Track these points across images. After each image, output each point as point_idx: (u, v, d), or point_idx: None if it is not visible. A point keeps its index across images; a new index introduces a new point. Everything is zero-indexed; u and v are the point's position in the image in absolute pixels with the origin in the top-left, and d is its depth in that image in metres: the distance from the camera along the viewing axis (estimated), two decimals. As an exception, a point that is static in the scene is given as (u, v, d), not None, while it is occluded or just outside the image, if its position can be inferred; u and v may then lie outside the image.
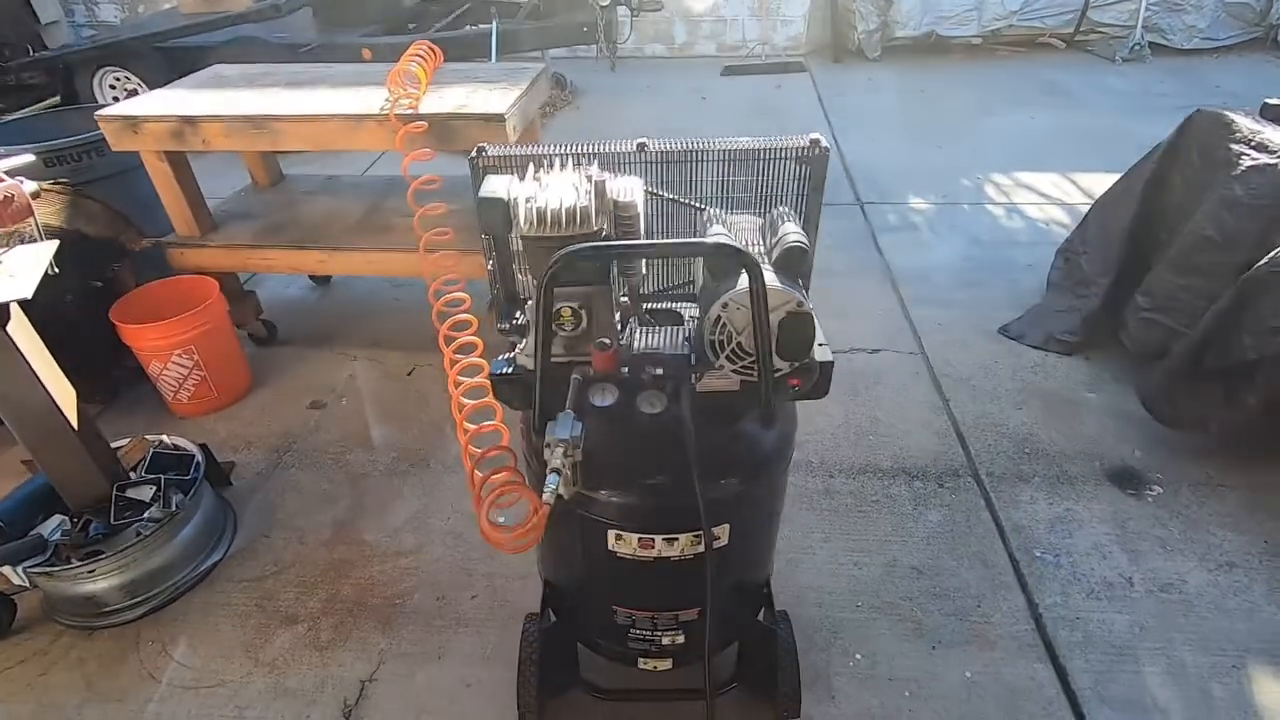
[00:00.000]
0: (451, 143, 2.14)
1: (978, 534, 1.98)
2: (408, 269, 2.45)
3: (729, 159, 1.22)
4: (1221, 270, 2.12)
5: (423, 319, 3.04)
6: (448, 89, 2.28)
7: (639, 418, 1.09)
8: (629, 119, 5.01)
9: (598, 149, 1.22)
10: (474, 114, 2.08)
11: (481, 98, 2.19)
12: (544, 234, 1.04)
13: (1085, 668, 1.65)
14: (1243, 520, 1.98)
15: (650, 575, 1.25)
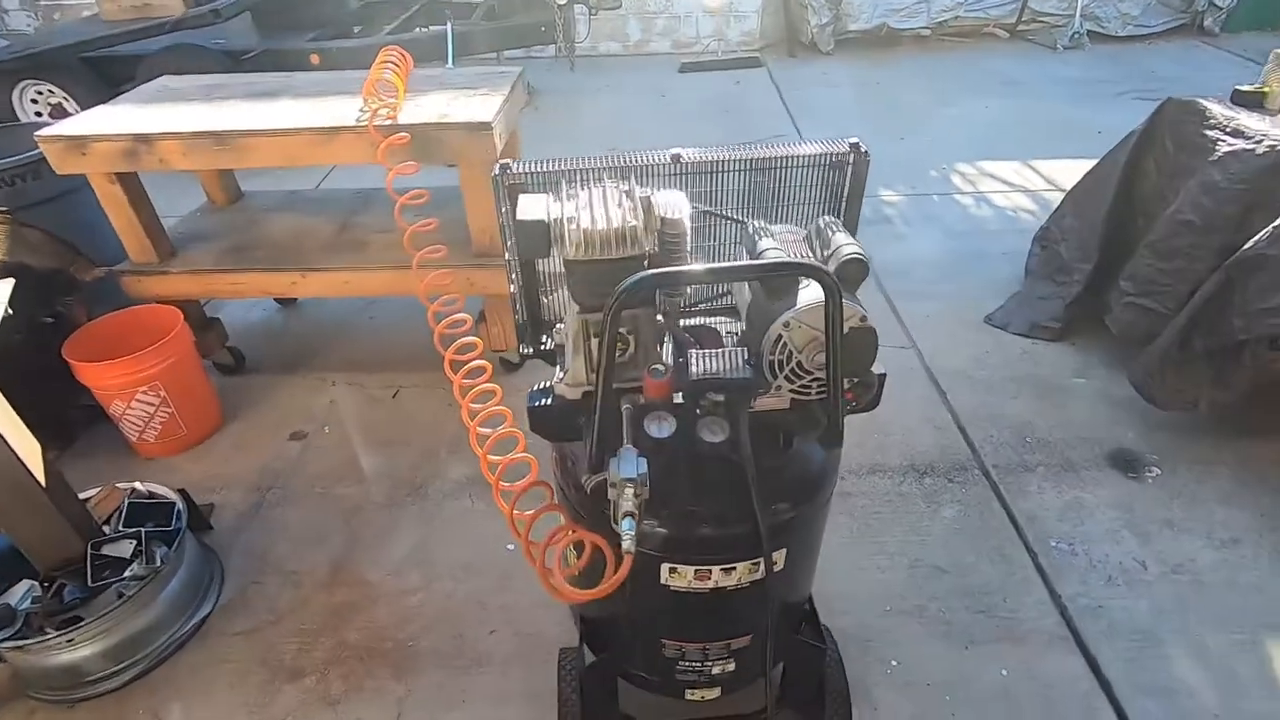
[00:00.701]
0: (435, 155, 2.03)
1: (993, 527, 1.98)
2: (389, 288, 2.33)
3: (764, 166, 1.17)
4: (1202, 254, 2.18)
5: (402, 337, 2.93)
6: (424, 97, 2.17)
7: (700, 446, 1.03)
8: (591, 119, 4.92)
9: (629, 161, 1.15)
10: (458, 123, 1.98)
11: (463, 106, 2.08)
12: (592, 257, 0.97)
13: (1115, 657, 1.66)
14: (1238, 495, 2.04)
15: (704, 606, 1.19)
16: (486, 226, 2.20)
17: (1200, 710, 1.56)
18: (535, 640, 1.72)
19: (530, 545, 1.14)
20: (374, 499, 2.13)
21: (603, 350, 0.88)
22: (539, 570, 1.01)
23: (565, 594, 0.92)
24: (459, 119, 1.99)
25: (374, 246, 2.39)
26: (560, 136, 4.52)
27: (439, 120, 1.99)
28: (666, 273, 0.83)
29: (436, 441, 2.32)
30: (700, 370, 1.01)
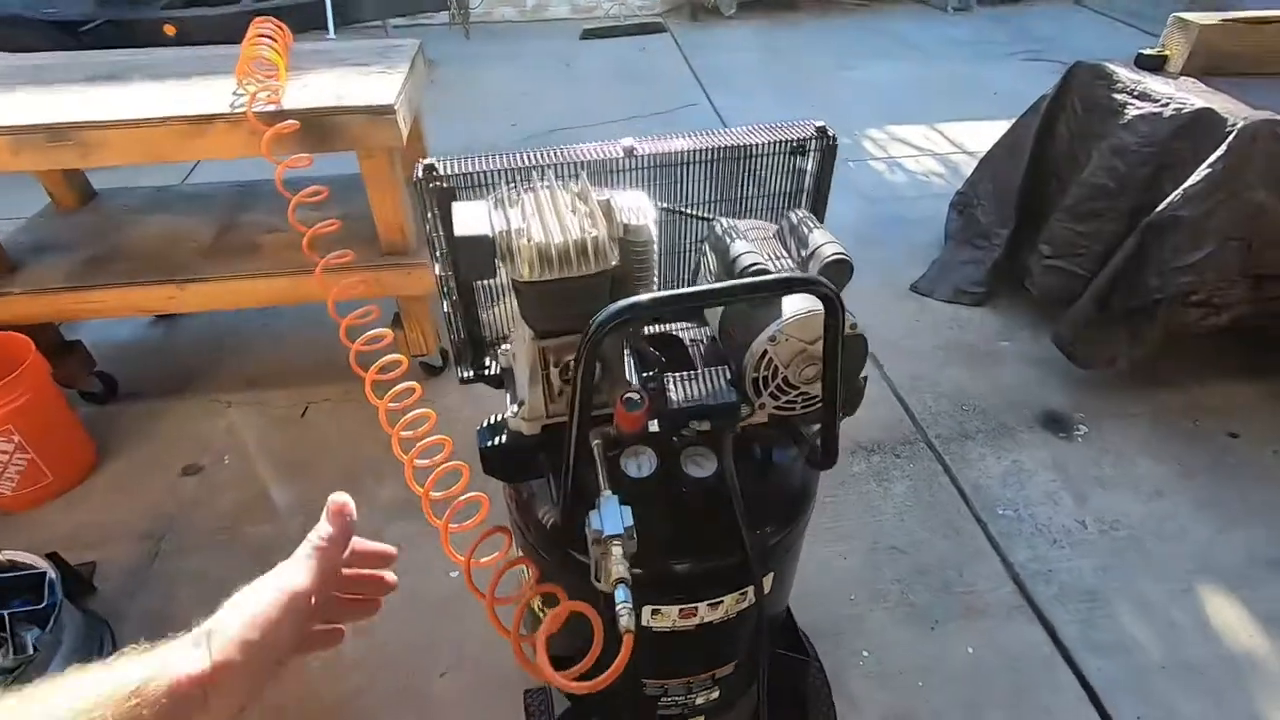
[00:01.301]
0: (329, 143, 1.78)
1: (942, 501, 2.00)
2: (287, 295, 2.06)
3: (727, 156, 1.04)
4: (1116, 215, 2.25)
5: (306, 345, 2.63)
6: (311, 76, 1.90)
7: (684, 482, 0.92)
8: (493, 93, 4.62)
9: (576, 156, 0.99)
10: (356, 107, 1.74)
11: (358, 86, 1.84)
12: (549, 277, 0.82)
13: (1069, 619, 1.71)
14: (1157, 447, 2.15)
15: (688, 643, 1.10)
16: (395, 221, 1.98)
17: (1149, 664, 1.62)
18: (493, 677, 1.58)
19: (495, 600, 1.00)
20: (290, 536, 1.88)
21: (577, 394, 0.74)
22: (514, 646, 0.88)
23: (556, 682, 0.79)
24: (356, 102, 1.74)
25: (266, 249, 2.11)
26: (462, 113, 4.22)
27: (333, 104, 1.74)
28: (656, 300, 0.69)
29: (356, 462, 2.10)
30: (681, 397, 0.89)
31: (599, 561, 0.83)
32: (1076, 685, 1.59)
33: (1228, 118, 1.94)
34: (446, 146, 3.76)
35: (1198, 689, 1.57)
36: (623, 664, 0.74)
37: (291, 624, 0.53)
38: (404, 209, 1.95)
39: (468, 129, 4.00)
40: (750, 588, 1.05)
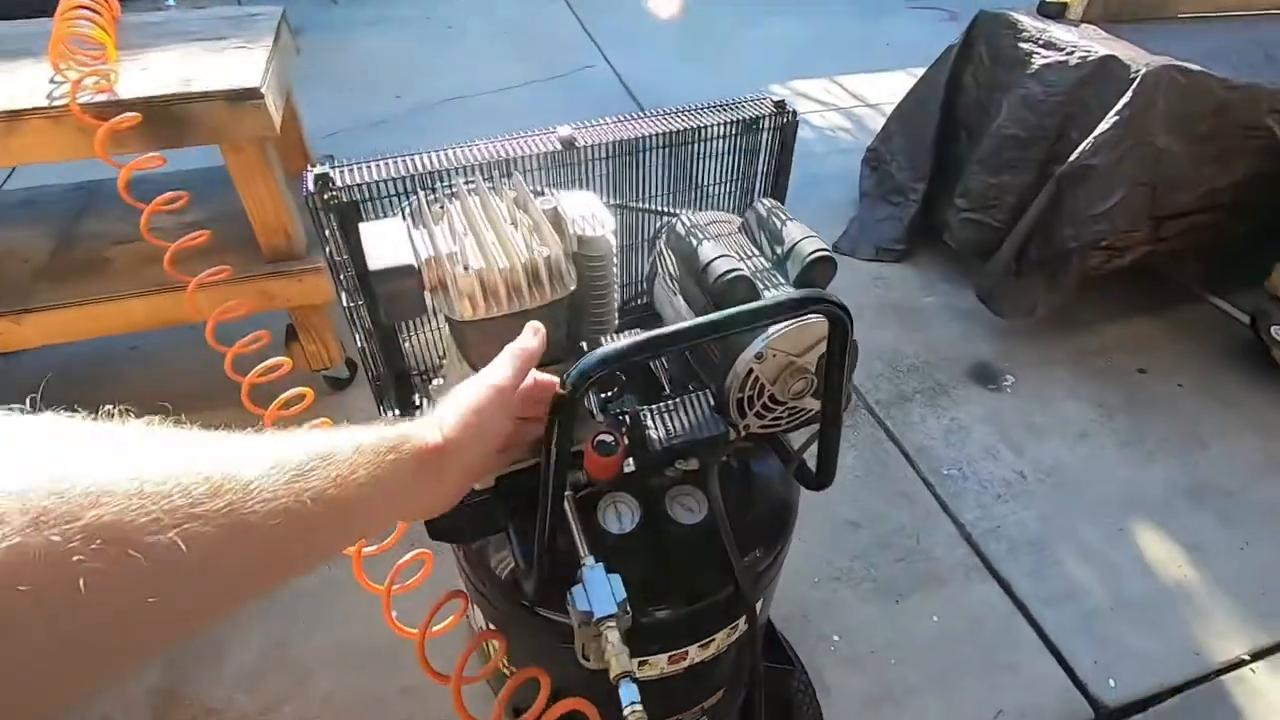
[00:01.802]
0: (182, 137, 1.50)
1: (891, 468, 1.99)
2: (151, 319, 1.76)
3: (682, 141, 0.91)
4: (1028, 165, 2.28)
5: (191, 367, 2.28)
6: (149, 56, 1.58)
7: (673, 530, 0.80)
8: (370, 63, 4.20)
9: (503, 152, 0.83)
10: (212, 92, 1.46)
11: (212, 66, 1.55)
12: (496, 314, 0.67)
13: (1021, 573, 1.74)
14: (1078, 389, 2.23)
15: (676, 683, 1.00)
16: (276, 223, 1.71)
17: (1097, 607, 1.68)
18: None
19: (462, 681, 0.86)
20: (194, 593, 1.66)
21: (550, 474, 0.60)
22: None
23: None
24: (213, 86, 1.46)
25: (119, 264, 1.79)
26: (337, 86, 3.80)
27: (181, 90, 1.45)
28: (642, 343, 0.56)
29: (263, 497, 1.86)
30: (663, 434, 0.76)
31: (586, 643, 0.70)
32: (1036, 639, 1.62)
33: (1130, 65, 1.97)
34: (324, 127, 3.38)
35: (1142, 625, 1.64)
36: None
37: (500, 414, 0.57)
38: (286, 207, 1.69)
39: (346, 105, 3.62)
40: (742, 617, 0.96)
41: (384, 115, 3.57)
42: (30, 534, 0.27)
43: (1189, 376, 2.26)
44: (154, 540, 0.30)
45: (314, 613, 1.62)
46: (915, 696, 1.52)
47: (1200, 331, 2.41)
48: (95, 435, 0.34)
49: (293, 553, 0.40)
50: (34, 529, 0.27)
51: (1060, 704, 1.51)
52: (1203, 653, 1.60)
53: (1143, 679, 1.55)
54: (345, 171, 0.77)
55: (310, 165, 0.77)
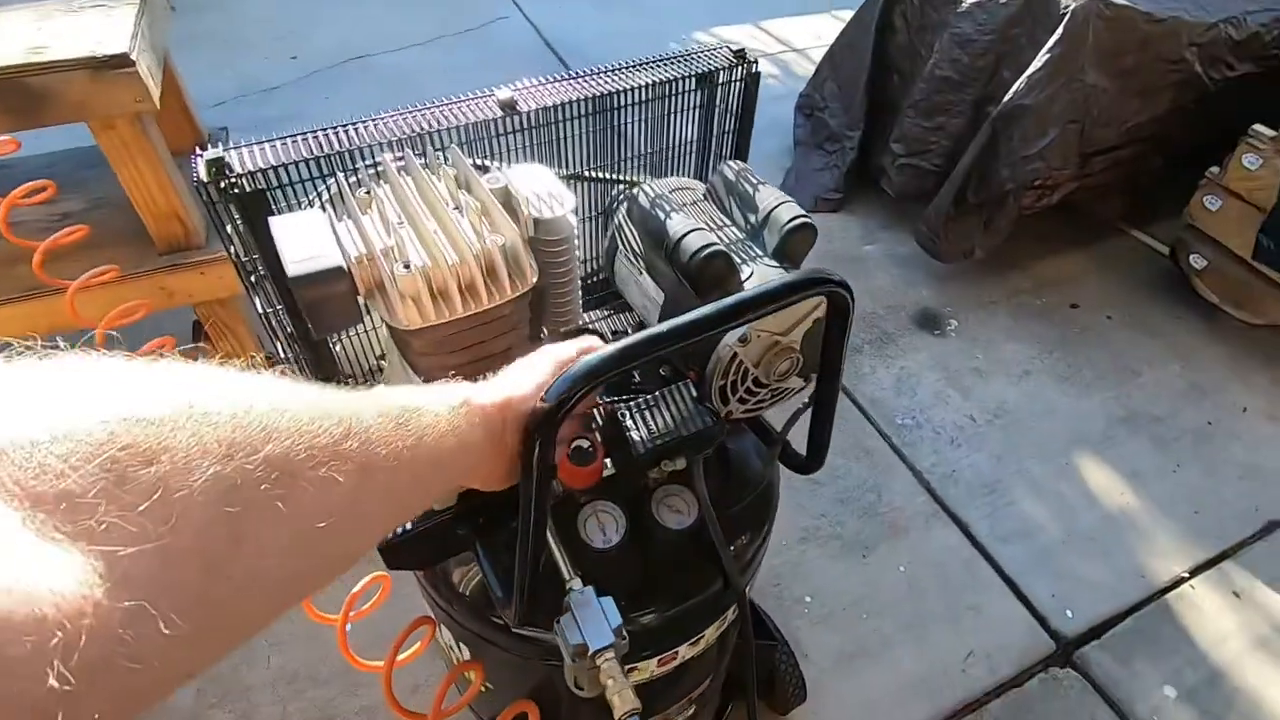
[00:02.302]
0: (36, 114, 1.28)
1: (847, 422, 1.99)
2: (24, 327, 1.55)
3: (631, 101, 0.81)
4: (962, 108, 2.26)
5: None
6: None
7: (660, 535, 0.73)
8: (257, 17, 3.81)
9: (434, 122, 0.71)
10: (69, 61, 1.24)
11: (69, 29, 1.32)
12: (447, 318, 0.57)
13: (978, 515, 1.78)
14: (1017, 329, 2.28)
15: (666, 682, 0.95)
16: (166, 208, 1.51)
17: (1051, 542, 1.73)
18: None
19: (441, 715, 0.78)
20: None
21: (533, 494, 0.51)
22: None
23: None
24: (69, 53, 1.24)
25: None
26: (221, 47, 3.43)
27: (30, 60, 1.23)
28: (632, 348, 0.47)
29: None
30: (645, 434, 0.68)
31: (580, 676, 0.64)
32: (996, 578, 1.67)
33: (1061, 1, 1.95)
34: (210, 95, 3.04)
35: (1093, 555, 1.71)
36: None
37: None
38: (177, 190, 1.49)
39: (234, 70, 3.27)
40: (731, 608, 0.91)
41: (279, 80, 3.25)
42: (225, 464, 0.29)
43: (1117, 309, 2.34)
44: (315, 475, 0.32)
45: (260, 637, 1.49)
46: (889, 648, 1.53)
47: (1125, 264, 2.49)
48: (234, 377, 0.34)
49: (407, 500, 0.42)
50: (228, 459, 0.29)
51: (1024, 639, 1.56)
52: (1147, 575, 1.68)
53: (1097, 606, 1.61)
54: (245, 154, 0.64)
55: (201, 144, 0.64)
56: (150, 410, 0.28)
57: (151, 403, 0.28)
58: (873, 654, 1.52)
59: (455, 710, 0.82)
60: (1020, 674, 1.50)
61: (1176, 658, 1.53)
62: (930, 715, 1.43)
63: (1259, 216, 2.04)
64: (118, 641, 0.24)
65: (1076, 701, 1.46)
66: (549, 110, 0.74)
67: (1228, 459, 1.92)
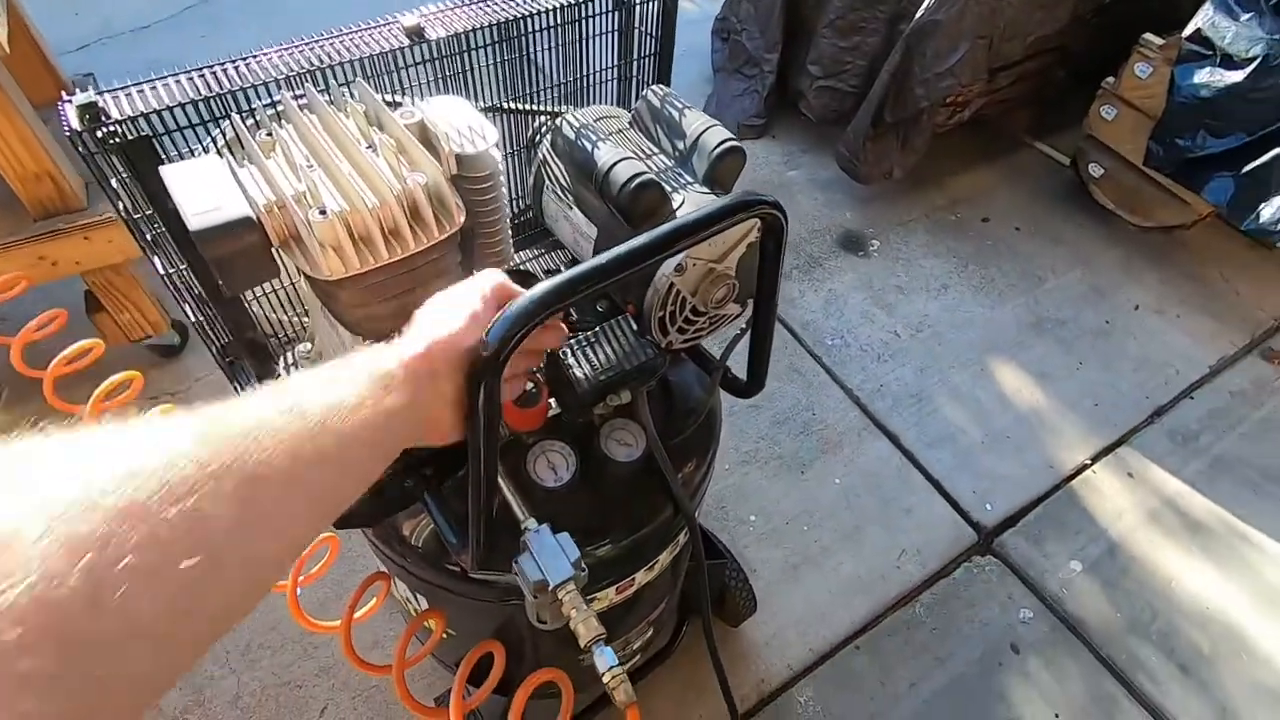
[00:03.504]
0: None
1: (780, 346, 2.03)
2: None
3: (545, 25, 0.77)
4: (876, 25, 2.26)
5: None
6: None
7: (611, 469, 0.74)
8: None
9: (334, 54, 0.66)
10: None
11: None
12: (371, 265, 0.54)
13: (905, 425, 1.88)
14: (935, 245, 2.36)
15: (625, 609, 0.99)
16: (35, 168, 1.36)
17: (972, 444, 1.86)
18: (384, 694, 1.38)
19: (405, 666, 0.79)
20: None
21: (480, 441, 0.51)
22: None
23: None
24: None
25: None
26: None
27: None
28: (572, 281, 0.46)
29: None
30: (588, 370, 0.68)
31: (542, 611, 0.65)
32: (924, 481, 1.78)
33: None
34: (69, 40, 2.72)
35: (1007, 452, 1.84)
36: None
37: (473, 330, 0.49)
38: (44, 147, 1.35)
39: (95, 7, 2.93)
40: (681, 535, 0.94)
41: (148, 17, 2.94)
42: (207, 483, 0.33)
43: (1024, 220, 2.45)
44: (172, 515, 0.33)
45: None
46: (830, 555, 1.63)
47: (1031, 176, 2.60)
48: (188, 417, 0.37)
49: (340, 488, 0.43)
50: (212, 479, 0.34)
51: (949, 533, 1.68)
52: (1055, 465, 1.82)
53: (1012, 498, 1.75)
54: (123, 97, 0.58)
55: (66, 92, 0.58)
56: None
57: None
58: (815, 562, 1.62)
59: (419, 659, 0.83)
60: (947, 565, 1.62)
61: (1081, 536, 1.69)
62: (869, 610, 1.54)
63: (1150, 124, 2.15)
64: None
65: (997, 584, 1.61)
66: (460, 37, 0.69)
67: (1123, 354, 2.08)
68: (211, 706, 1.34)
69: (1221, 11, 2.01)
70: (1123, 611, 1.57)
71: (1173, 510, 1.75)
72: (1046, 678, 1.47)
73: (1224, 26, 1.99)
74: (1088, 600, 1.59)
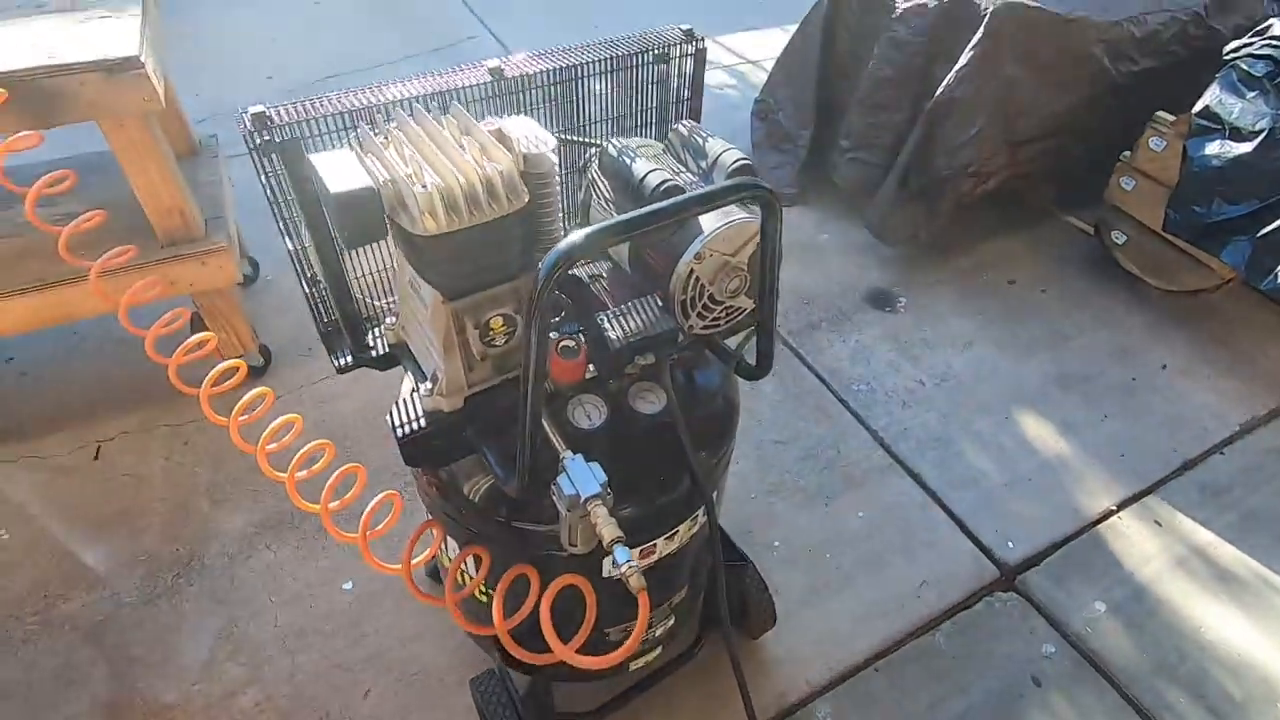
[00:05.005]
0: (54, 114, 1.40)
1: (807, 390, 2.15)
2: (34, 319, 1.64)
3: (599, 71, 0.96)
4: (902, 104, 2.47)
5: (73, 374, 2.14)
6: (2, 29, 1.46)
7: (639, 422, 0.87)
8: (233, 41, 3.93)
9: (434, 86, 0.86)
10: (85, 64, 1.36)
11: (79, 36, 1.44)
12: (457, 227, 0.71)
13: (928, 466, 1.94)
14: (961, 305, 2.47)
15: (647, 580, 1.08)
16: (171, 203, 1.63)
17: (995, 486, 1.90)
18: (424, 680, 1.47)
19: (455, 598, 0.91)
20: (126, 599, 1.59)
21: (532, 345, 0.66)
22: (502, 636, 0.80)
23: (575, 660, 0.73)
24: (84, 56, 1.37)
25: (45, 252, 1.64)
26: (200, 68, 3.54)
27: (49, 62, 1.35)
28: (618, 224, 0.62)
29: (186, 494, 1.79)
30: (620, 334, 0.83)
31: (573, 527, 0.77)
32: (947, 519, 1.83)
33: (980, 3, 2.17)
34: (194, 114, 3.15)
35: (1031, 495, 1.88)
36: (644, 626, 0.70)
37: None
38: (179, 185, 1.61)
39: (215, 90, 3.38)
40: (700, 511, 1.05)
41: (258, 98, 3.35)
42: None
43: (1050, 283, 2.55)
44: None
45: (255, 598, 1.59)
46: (851, 581, 1.68)
47: (1057, 244, 2.71)
48: None
49: None
50: None
51: (971, 568, 1.71)
52: (1080, 510, 1.85)
53: (1035, 538, 1.78)
54: (282, 111, 0.78)
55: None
56: None
57: None
58: (835, 587, 1.67)
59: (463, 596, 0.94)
60: (968, 598, 1.65)
61: (1106, 579, 1.70)
62: (889, 635, 1.58)
63: (1166, 193, 2.26)
64: None
65: (1019, 619, 1.62)
66: (529, 77, 0.89)
67: (1149, 410, 2.12)
68: (268, 683, 1.46)
69: (1228, 90, 2.15)
70: (1149, 653, 1.57)
71: (1202, 559, 1.75)
72: (1068, 712, 1.47)
73: (1231, 104, 2.13)
74: (1113, 640, 1.59)
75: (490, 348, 0.82)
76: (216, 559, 1.67)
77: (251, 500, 1.79)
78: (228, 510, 1.76)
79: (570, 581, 0.81)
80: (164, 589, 1.61)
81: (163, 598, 1.59)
